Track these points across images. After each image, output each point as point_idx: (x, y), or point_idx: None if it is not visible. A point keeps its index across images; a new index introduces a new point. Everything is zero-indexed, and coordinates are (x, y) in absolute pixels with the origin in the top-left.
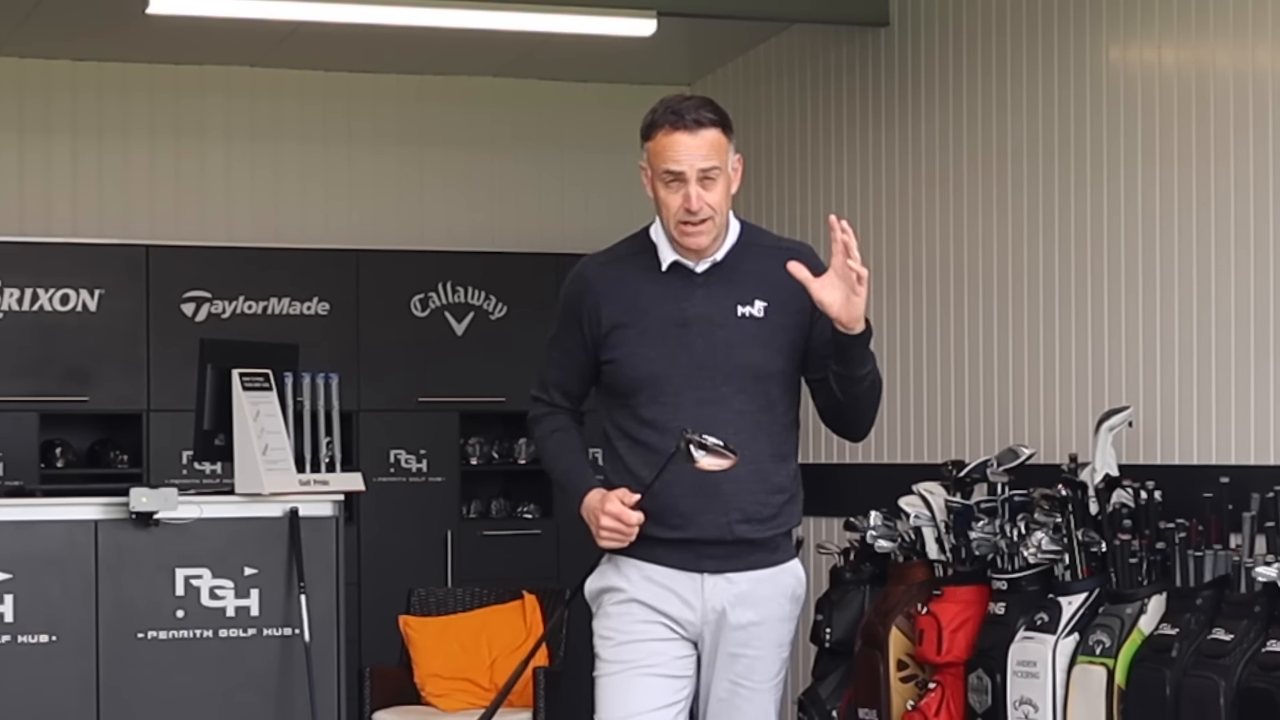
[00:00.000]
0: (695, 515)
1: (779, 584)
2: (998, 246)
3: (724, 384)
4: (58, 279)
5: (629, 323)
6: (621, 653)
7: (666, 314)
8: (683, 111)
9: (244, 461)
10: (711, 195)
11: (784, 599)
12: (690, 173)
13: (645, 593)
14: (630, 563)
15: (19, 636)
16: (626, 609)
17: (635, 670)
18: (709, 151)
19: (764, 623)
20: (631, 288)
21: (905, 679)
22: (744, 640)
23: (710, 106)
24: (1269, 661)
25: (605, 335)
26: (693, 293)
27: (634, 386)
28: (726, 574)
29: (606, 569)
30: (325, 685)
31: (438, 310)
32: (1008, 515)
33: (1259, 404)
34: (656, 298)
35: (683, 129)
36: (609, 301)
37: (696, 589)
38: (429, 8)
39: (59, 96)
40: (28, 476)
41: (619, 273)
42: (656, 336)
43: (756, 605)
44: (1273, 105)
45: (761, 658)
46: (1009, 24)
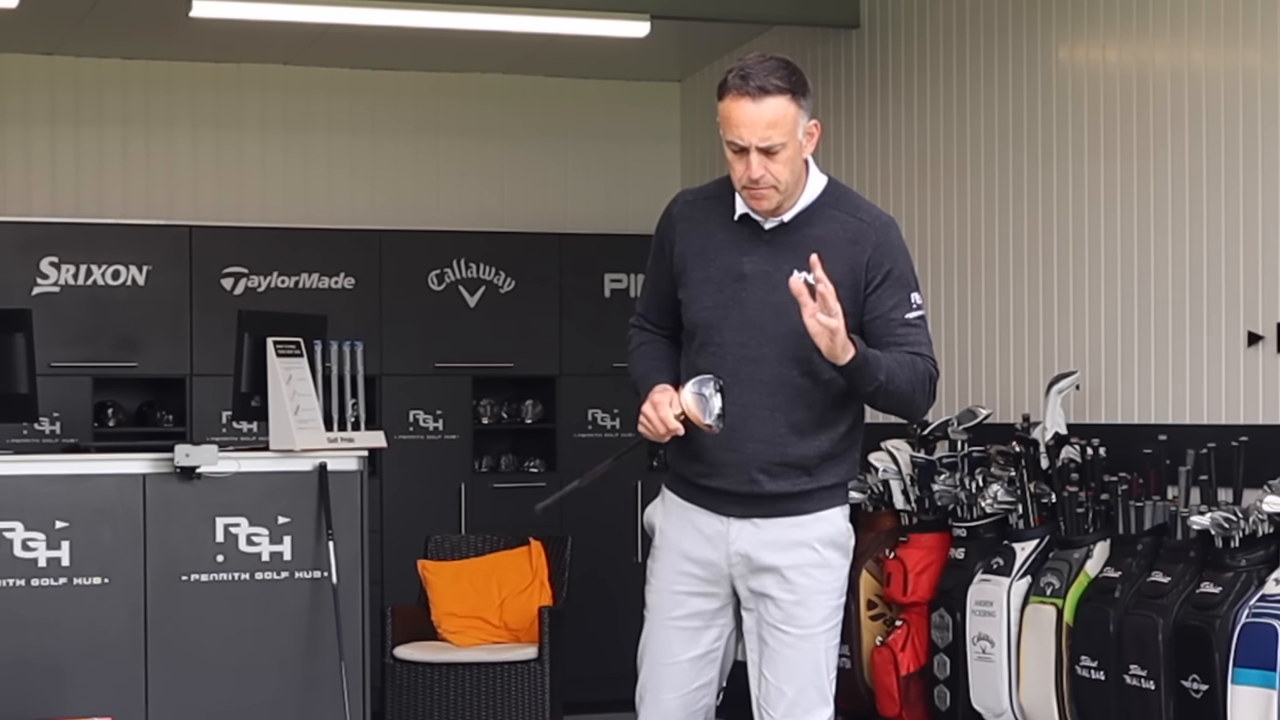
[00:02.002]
0: (719, 468)
1: (809, 530)
2: (958, 228)
3: (767, 345)
4: (109, 256)
5: (695, 266)
6: (654, 600)
7: (727, 265)
8: (749, 75)
9: (277, 421)
10: (775, 165)
11: (817, 544)
12: (753, 143)
13: (676, 530)
14: (672, 498)
15: (74, 579)
16: (663, 555)
17: (662, 620)
18: (772, 122)
19: (795, 567)
20: (704, 231)
21: (874, 617)
22: (775, 584)
23: (781, 71)
24: (1202, 601)
25: (679, 273)
26: (756, 249)
27: (692, 329)
28: (752, 519)
29: (658, 502)
30: (351, 623)
31: (452, 284)
32: (967, 469)
33: (1193, 369)
34: (722, 246)
35: (747, 96)
36: (683, 240)
37: (722, 532)
38: (444, 11)
39: (110, 92)
40: (82, 435)
41: (700, 213)
42: (715, 286)
43: (784, 550)
44: (1206, 100)
45: (803, 602)
46: (968, 27)
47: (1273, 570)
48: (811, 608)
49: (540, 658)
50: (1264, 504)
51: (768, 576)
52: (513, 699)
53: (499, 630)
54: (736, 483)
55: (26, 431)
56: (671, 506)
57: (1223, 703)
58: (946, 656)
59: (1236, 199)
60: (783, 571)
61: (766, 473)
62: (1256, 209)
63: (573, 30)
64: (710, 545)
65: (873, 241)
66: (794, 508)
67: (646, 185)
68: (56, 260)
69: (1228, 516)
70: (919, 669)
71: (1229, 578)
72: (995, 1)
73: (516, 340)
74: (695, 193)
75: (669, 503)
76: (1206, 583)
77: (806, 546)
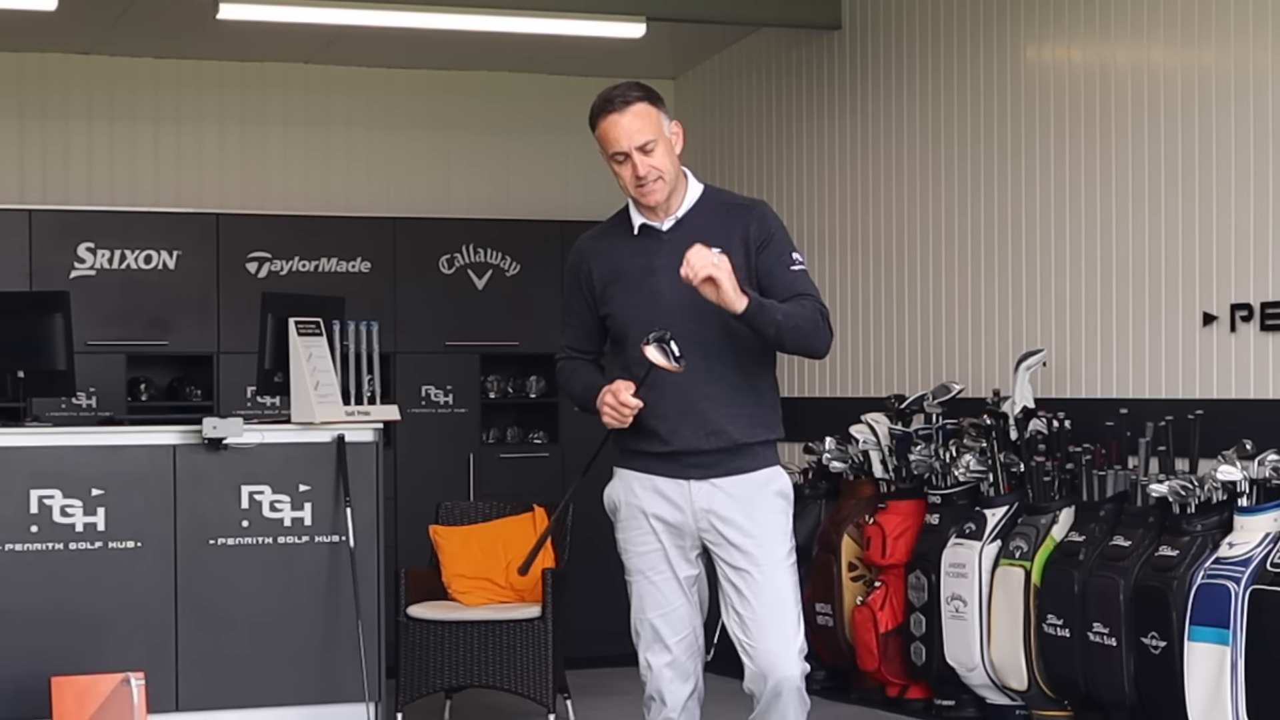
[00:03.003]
0: (678, 430)
1: (759, 482)
2: (933, 215)
3: (690, 320)
4: (142, 242)
5: (613, 280)
6: (634, 563)
7: (640, 268)
8: (612, 98)
9: (299, 395)
10: (654, 159)
11: (768, 494)
12: (629, 148)
13: (644, 500)
14: (631, 475)
15: (109, 543)
16: (633, 522)
17: (644, 578)
18: (640, 126)
19: (753, 516)
20: (614, 252)
21: (855, 579)
22: (739, 532)
23: (635, 85)
24: (1161, 564)
25: (600, 294)
26: (660, 248)
27: (622, 332)
28: (710, 479)
29: (616, 484)
30: (367, 584)
31: (461, 268)
32: (941, 441)
33: (1152, 347)
34: (632, 255)
35: (614, 111)
36: (597, 266)
37: (685, 494)
38: (453, 13)
39: (143, 89)
40: (116, 408)
41: (605, 242)
42: (634, 288)
43: (741, 501)
44: (1165, 97)
45: (763, 543)
46: (943, 28)
47: (1226, 535)
48: (770, 548)
49: (543, 616)
50: (1218, 473)
51: (730, 527)
52: (518, 654)
53: (505, 590)
54: (694, 440)
55: (65, 405)
56: (631, 482)
57: (1180, 658)
58: (922, 615)
59: (1192, 189)
60: (742, 521)
61: (716, 425)
62: (1211, 198)
63: (573, 31)
64: (675, 507)
65: (751, 218)
66: (743, 465)
67: None
68: (93, 246)
69: (1184, 484)
70: (896, 626)
71: (1185, 542)
72: (968, 4)
73: (521, 320)
74: (594, 230)
75: (627, 479)
76: (1164, 546)
77: (758, 497)
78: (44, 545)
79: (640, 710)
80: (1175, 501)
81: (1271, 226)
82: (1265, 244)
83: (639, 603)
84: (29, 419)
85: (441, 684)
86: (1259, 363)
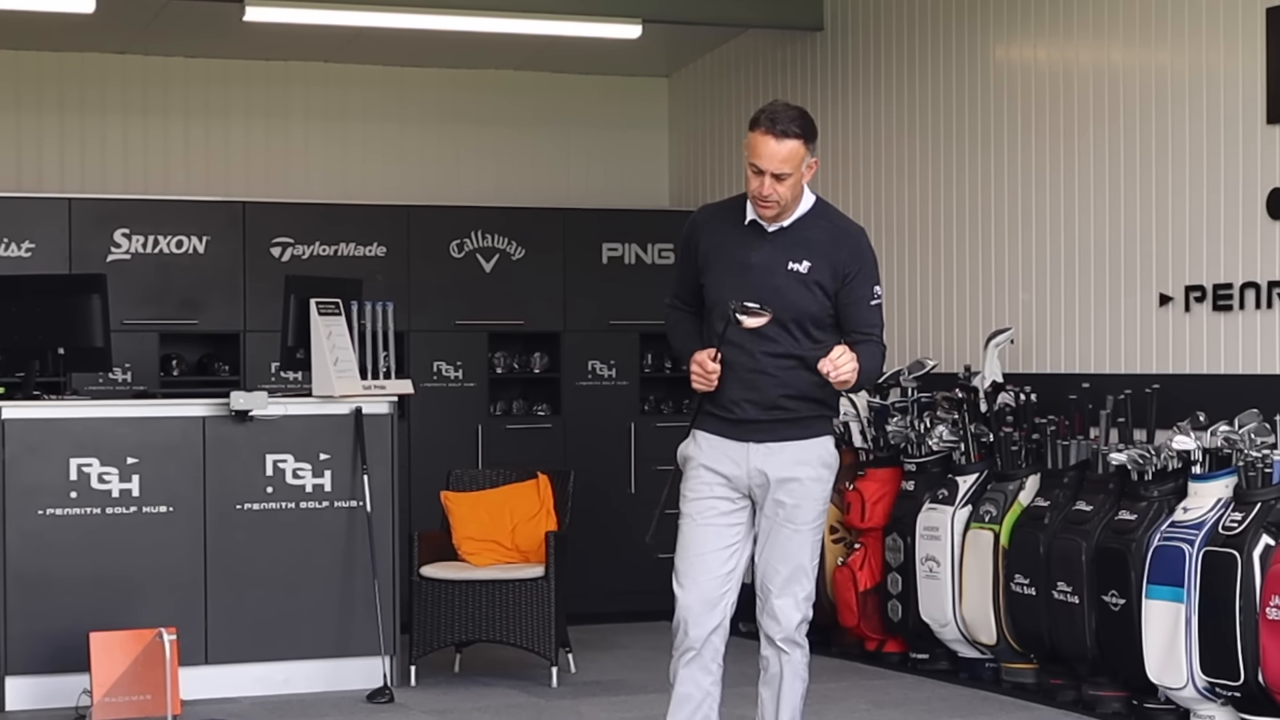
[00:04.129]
0: (744, 402)
1: (809, 451)
2: (908, 203)
3: (775, 306)
4: (174, 228)
5: (715, 257)
6: (688, 508)
7: (738, 257)
8: (776, 119)
9: (319, 370)
10: (781, 187)
11: (815, 463)
12: (767, 171)
13: (709, 457)
14: (703, 435)
15: (143, 508)
16: (697, 474)
17: (693, 521)
18: (785, 158)
19: (799, 479)
20: (722, 233)
21: (836, 540)
22: (785, 491)
23: (801, 121)
24: (1120, 527)
25: (700, 264)
26: (761, 246)
27: (711, 305)
28: (767, 443)
29: (689, 441)
30: (382, 545)
31: (471, 252)
32: (916, 413)
33: (1112, 326)
34: (734, 243)
35: (772, 135)
36: (705, 239)
37: (743, 454)
38: (462, 16)
39: (175, 86)
40: (150, 383)
41: (717, 220)
42: (728, 272)
43: (790, 466)
44: (1124, 93)
45: (801, 505)
46: (918, 29)
47: (1181, 500)
48: (806, 510)
49: (546, 576)
50: (1173, 443)
51: (778, 487)
52: (523, 611)
53: (511, 552)
54: (757, 412)
55: (102, 380)
56: (702, 441)
57: (1138, 614)
58: (899, 575)
59: (1149, 179)
60: (789, 483)
61: (775, 402)
62: (1167, 188)
63: (573, 32)
64: (735, 464)
65: (849, 245)
66: (796, 434)
67: (638, 167)
68: (128, 232)
69: (1142, 453)
70: (875, 585)
71: (1143, 506)
72: (941, 6)
73: (526, 301)
74: (713, 206)
75: (700, 439)
76: (1124, 511)
77: (806, 464)
78: (83, 510)
79: (636, 661)
80: (1133, 469)
81: (1223, 214)
82: (1217, 230)
83: (683, 543)
84: (69, 392)
85: (452, 639)
86: (1211, 340)
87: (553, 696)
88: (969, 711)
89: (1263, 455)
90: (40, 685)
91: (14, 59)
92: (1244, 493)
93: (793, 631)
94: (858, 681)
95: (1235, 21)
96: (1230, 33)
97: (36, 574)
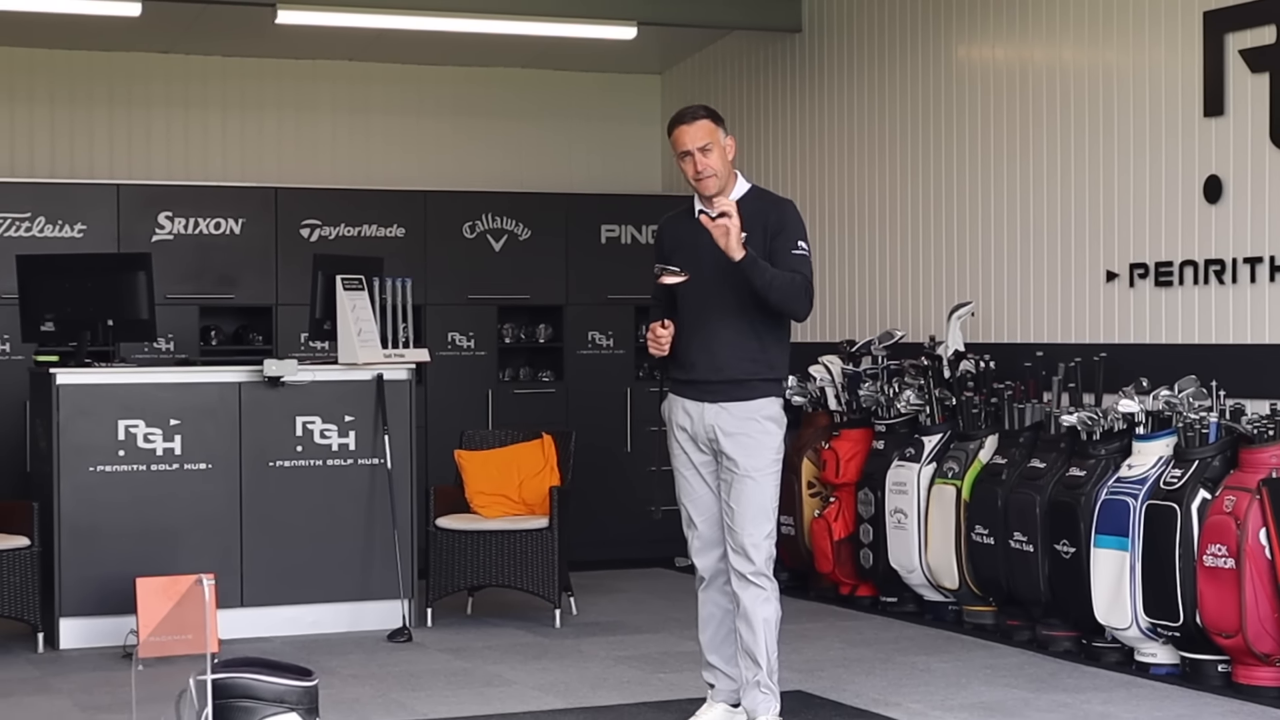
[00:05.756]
0: (698, 365)
1: (754, 409)
2: (879, 188)
3: (720, 285)
4: (213, 211)
5: (675, 248)
6: (674, 461)
7: (691, 242)
8: (684, 113)
9: (344, 340)
10: (709, 160)
11: (761, 418)
12: (692, 149)
13: (678, 415)
14: (672, 396)
15: (185, 465)
16: (672, 431)
17: (679, 473)
18: (701, 134)
19: (747, 434)
20: (679, 229)
21: (813, 495)
22: (734, 444)
23: (705, 107)
24: (1071, 482)
25: (666, 258)
26: (706, 232)
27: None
28: (719, 403)
29: (666, 401)
30: (402, 499)
31: (482, 233)
32: (886, 379)
33: (1063, 300)
34: (688, 233)
35: (684, 123)
36: (667, 239)
37: (700, 412)
38: (474, 19)
39: (213, 82)
40: (190, 351)
41: (673, 223)
42: (685, 257)
43: (739, 423)
44: (1074, 88)
45: (750, 453)
46: (887, 30)
47: (1126, 458)
48: (758, 458)
49: (550, 527)
50: (1119, 406)
51: (727, 439)
52: (528, 559)
53: (518, 505)
54: (710, 372)
55: (147, 349)
56: (671, 401)
57: (1087, 562)
58: (870, 526)
59: (1098, 166)
60: (738, 437)
61: (725, 363)
62: (1114, 174)
63: (574, 33)
64: (692, 420)
65: (776, 210)
66: (744, 394)
67: (634, 156)
68: (171, 214)
69: (1090, 415)
70: (848, 535)
71: (1092, 464)
72: (908, 10)
73: (532, 277)
74: (670, 214)
75: (670, 399)
76: (1074, 468)
77: (754, 420)
78: (130, 467)
79: (631, 604)
80: (1083, 430)
81: (1164, 198)
82: (1159, 213)
83: (677, 491)
84: (117, 360)
85: (465, 583)
86: (1153, 313)
87: (556, 635)
88: (933, 650)
89: (1200, 417)
90: (91, 626)
91: (68, 58)
92: (1183, 451)
93: (761, 566)
94: (833, 623)
95: (1175, 24)
96: (1171, 34)
97: (88, 525)
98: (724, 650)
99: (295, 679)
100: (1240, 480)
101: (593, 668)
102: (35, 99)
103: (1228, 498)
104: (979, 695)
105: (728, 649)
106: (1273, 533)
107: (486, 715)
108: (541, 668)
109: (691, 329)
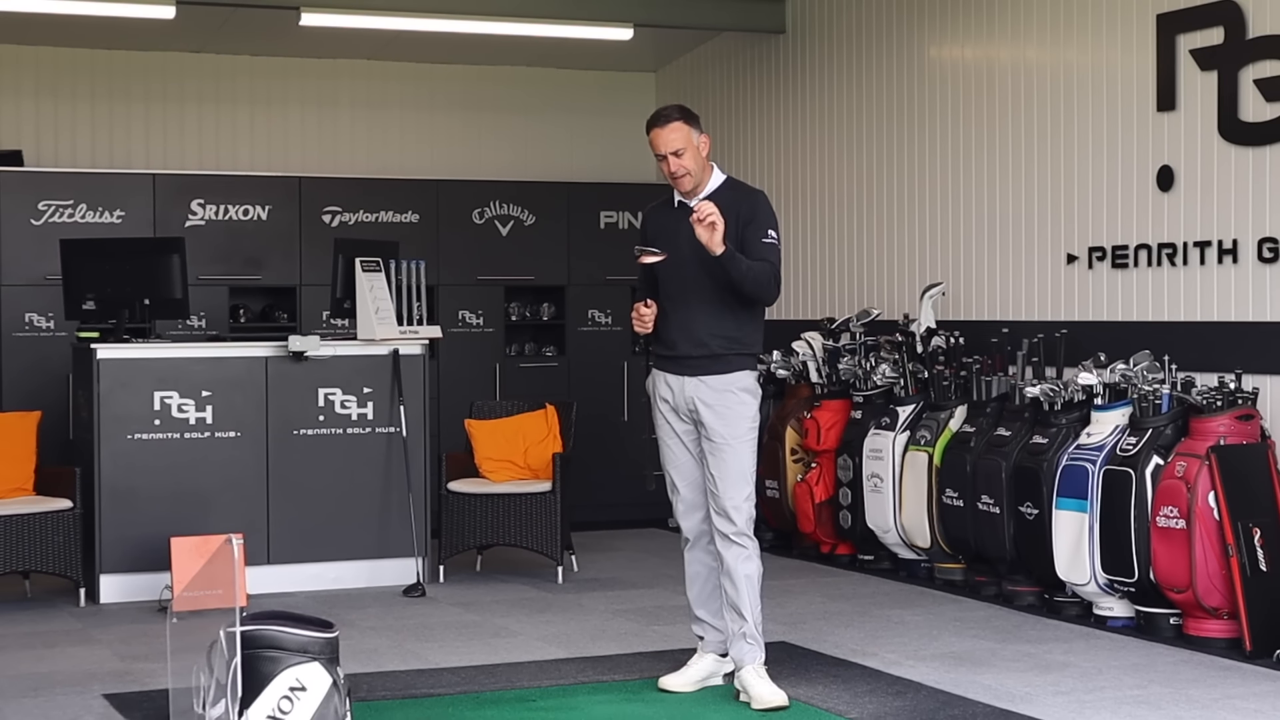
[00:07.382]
0: (679, 342)
1: (730, 381)
2: (857, 177)
3: (698, 269)
4: (241, 198)
5: (657, 236)
6: (658, 432)
7: (672, 229)
8: (659, 116)
9: (363, 318)
10: (683, 161)
11: (735, 389)
12: (666, 152)
13: (659, 388)
14: (655, 371)
15: (215, 433)
16: (656, 403)
17: (663, 442)
18: (674, 137)
19: (723, 404)
20: (661, 218)
21: (796, 461)
22: (712, 414)
23: (678, 108)
24: (1034, 449)
25: (650, 244)
26: (686, 217)
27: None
28: (698, 376)
29: (650, 376)
30: (416, 465)
31: (490, 219)
32: (863, 353)
33: (1027, 280)
34: (669, 220)
35: (659, 125)
36: (650, 226)
37: (680, 385)
38: (483, 21)
39: (242, 80)
40: (220, 328)
41: (657, 211)
42: (667, 243)
43: (715, 392)
44: (1037, 84)
45: (727, 422)
46: (864, 32)
47: (1085, 427)
48: (734, 426)
49: (553, 490)
50: (1078, 379)
51: (705, 410)
52: (533, 520)
53: (524, 470)
54: (690, 348)
55: (181, 326)
56: (655, 375)
57: (1049, 523)
58: (849, 490)
59: (1059, 157)
60: (715, 408)
61: (703, 338)
62: (1074, 165)
63: (575, 35)
64: (674, 393)
65: (748, 200)
66: (721, 368)
67: (630, 148)
68: (203, 201)
69: (1052, 387)
70: (828, 498)
71: (1053, 432)
72: (884, 13)
73: (536, 259)
74: (652, 204)
75: (654, 374)
76: (1037, 436)
77: (730, 392)
78: (164, 435)
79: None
80: (1045, 401)
81: (1120, 187)
82: (1115, 201)
83: (661, 459)
84: (153, 336)
85: (474, 543)
86: (1110, 293)
87: (558, 590)
88: (907, 604)
89: (1153, 389)
90: (129, 582)
91: (107, 57)
92: (1138, 420)
93: (742, 526)
94: (814, 579)
95: (1131, 26)
96: (1126, 35)
97: (126, 489)
98: (710, 604)
99: (318, 631)
100: (1191, 447)
101: (592, 620)
102: (78, 95)
103: (1179, 463)
104: (949, 645)
105: (714, 603)
106: (1220, 496)
107: (494, 664)
108: (545, 620)
109: (672, 309)
